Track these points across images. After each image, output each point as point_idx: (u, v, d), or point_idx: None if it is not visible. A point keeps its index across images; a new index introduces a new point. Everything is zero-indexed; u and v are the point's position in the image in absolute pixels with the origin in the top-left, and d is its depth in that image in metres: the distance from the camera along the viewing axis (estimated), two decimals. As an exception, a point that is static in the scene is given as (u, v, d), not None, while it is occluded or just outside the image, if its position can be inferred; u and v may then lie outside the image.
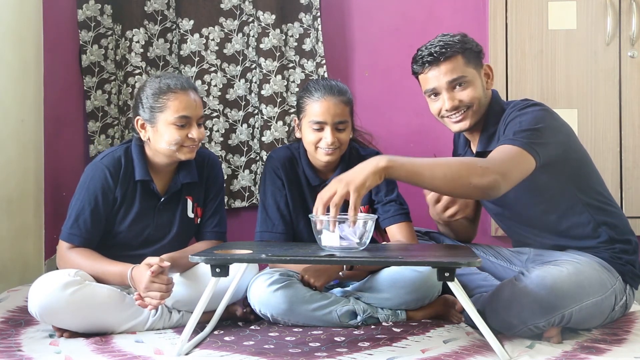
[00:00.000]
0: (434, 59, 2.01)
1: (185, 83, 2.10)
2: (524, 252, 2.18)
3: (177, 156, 2.09)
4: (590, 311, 1.87)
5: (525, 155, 1.83)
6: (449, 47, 2.00)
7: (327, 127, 2.18)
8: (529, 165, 1.84)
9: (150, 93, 2.08)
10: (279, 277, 2.10)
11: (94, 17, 2.89)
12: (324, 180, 2.28)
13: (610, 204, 2.05)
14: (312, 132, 2.20)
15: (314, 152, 2.23)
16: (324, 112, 2.18)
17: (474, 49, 2.04)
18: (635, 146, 2.87)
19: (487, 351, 1.77)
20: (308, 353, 1.79)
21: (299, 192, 2.30)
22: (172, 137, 2.05)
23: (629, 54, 2.86)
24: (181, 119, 2.05)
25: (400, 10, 3.01)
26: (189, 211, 2.20)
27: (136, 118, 2.11)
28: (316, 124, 2.19)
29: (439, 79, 2.02)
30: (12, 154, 2.57)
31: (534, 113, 1.93)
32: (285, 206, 2.28)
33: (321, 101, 2.19)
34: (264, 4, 2.91)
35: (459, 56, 2.01)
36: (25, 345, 1.87)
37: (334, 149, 2.20)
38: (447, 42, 2.01)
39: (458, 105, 2.02)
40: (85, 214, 2.06)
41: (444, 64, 2.01)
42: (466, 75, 2.01)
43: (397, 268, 2.12)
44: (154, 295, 1.89)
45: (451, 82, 2.01)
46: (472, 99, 2.02)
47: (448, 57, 2.01)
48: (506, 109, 2.02)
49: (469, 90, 2.01)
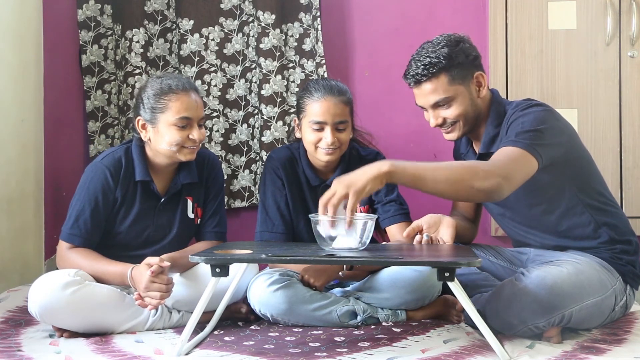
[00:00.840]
0: (416, 80, 2.01)
1: (187, 84, 2.10)
2: (524, 252, 2.18)
3: (177, 157, 2.09)
4: (590, 311, 1.87)
5: (528, 156, 1.83)
6: (432, 66, 1.97)
7: (327, 127, 2.18)
8: (532, 167, 1.84)
9: (151, 93, 2.08)
10: (279, 277, 2.10)
11: (94, 17, 2.89)
12: (324, 181, 2.28)
13: (611, 204, 2.05)
14: (312, 132, 2.20)
15: (314, 152, 2.22)
16: (324, 112, 2.18)
17: (463, 61, 1.99)
18: (635, 146, 2.87)
19: (487, 351, 1.77)
20: (308, 353, 1.79)
21: (299, 192, 2.30)
22: (172, 138, 2.05)
23: (629, 54, 2.86)
24: (182, 120, 2.05)
25: (400, 10, 3.01)
26: (189, 211, 2.20)
27: (137, 118, 2.11)
28: (316, 124, 2.19)
29: (423, 99, 2.03)
30: (12, 154, 2.57)
31: (536, 114, 1.92)
32: (286, 206, 2.28)
33: (321, 101, 2.19)
34: (264, 4, 2.91)
35: (442, 75, 1.98)
36: (25, 345, 1.87)
37: (334, 149, 2.20)
38: (430, 60, 1.97)
39: (442, 123, 2.04)
40: (85, 214, 2.06)
41: (426, 84, 2.00)
42: (449, 94, 1.99)
43: (397, 268, 2.12)
44: (154, 295, 1.89)
45: (434, 104, 2.01)
46: (456, 117, 2.02)
47: (429, 78, 1.99)
48: (508, 109, 2.02)
49: (452, 108, 2.01)
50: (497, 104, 2.06)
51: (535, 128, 1.88)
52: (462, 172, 1.76)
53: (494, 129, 2.03)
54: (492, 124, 2.04)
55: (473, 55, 2.03)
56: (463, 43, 2.02)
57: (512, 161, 1.81)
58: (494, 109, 2.05)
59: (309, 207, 2.29)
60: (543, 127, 1.88)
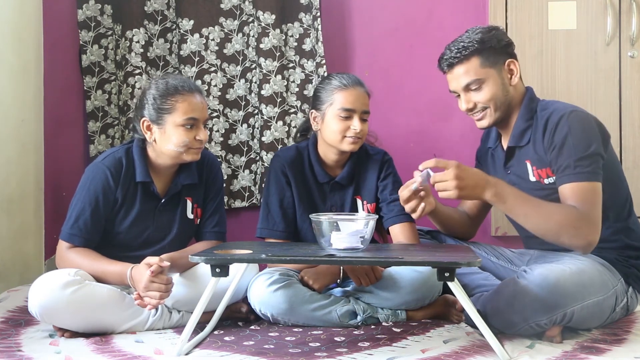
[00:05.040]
0: (449, 64, 2.06)
1: (192, 85, 2.11)
2: (526, 253, 2.18)
3: (183, 157, 2.09)
4: (591, 311, 1.87)
5: (597, 186, 1.89)
6: (464, 50, 2.02)
7: (356, 116, 2.22)
8: (601, 192, 1.90)
9: (157, 94, 2.07)
10: (279, 277, 2.10)
11: (94, 17, 2.89)
12: (332, 177, 2.30)
13: (631, 208, 2.06)
14: (340, 121, 2.22)
15: (339, 142, 2.23)
16: (354, 100, 2.22)
17: (495, 46, 2.04)
18: (635, 146, 2.87)
19: (487, 351, 1.77)
20: (308, 353, 1.79)
21: (306, 190, 2.31)
22: (180, 139, 2.06)
23: (629, 54, 2.86)
24: (189, 120, 2.06)
25: (400, 10, 3.01)
26: (188, 212, 2.20)
27: (142, 120, 2.10)
28: (345, 111, 2.21)
29: (455, 82, 2.07)
30: (12, 154, 2.57)
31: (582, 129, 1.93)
32: (289, 204, 2.28)
33: (351, 90, 2.23)
34: (264, 4, 2.91)
35: (474, 57, 2.03)
36: (25, 345, 1.87)
37: (358, 139, 2.23)
38: (464, 45, 2.03)
39: (473, 107, 2.06)
40: (85, 214, 2.06)
41: (458, 68, 2.05)
42: (480, 77, 2.03)
43: (397, 268, 2.12)
44: (153, 295, 1.89)
45: (465, 86, 2.04)
46: (487, 101, 2.04)
47: (461, 61, 2.03)
48: (540, 108, 2.03)
49: (483, 92, 2.04)
50: (530, 100, 2.08)
51: (590, 153, 1.90)
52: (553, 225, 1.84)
53: (524, 123, 2.05)
54: (523, 117, 2.06)
55: (505, 41, 2.07)
56: (496, 30, 2.08)
57: (593, 204, 1.86)
58: (526, 103, 2.07)
59: (316, 205, 2.30)
60: (594, 148, 1.91)
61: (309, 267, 2.19)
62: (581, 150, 1.91)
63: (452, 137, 2.99)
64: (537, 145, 2.01)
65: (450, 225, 2.25)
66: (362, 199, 2.32)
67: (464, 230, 2.28)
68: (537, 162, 2.02)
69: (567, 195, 1.90)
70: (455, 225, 2.25)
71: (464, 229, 2.28)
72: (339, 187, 2.31)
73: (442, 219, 2.20)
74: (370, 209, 2.29)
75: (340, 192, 2.31)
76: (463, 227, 2.27)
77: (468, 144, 2.74)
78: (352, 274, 2.11)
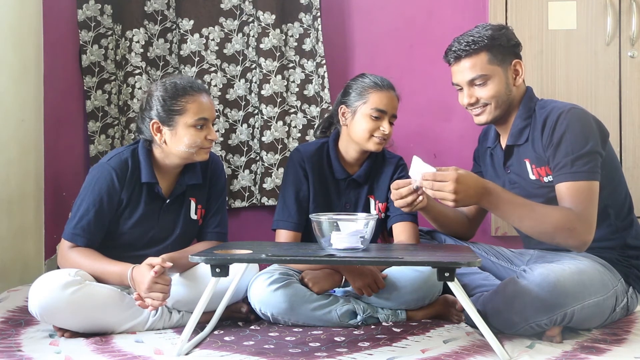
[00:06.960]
0: (456, 56, 2.06)
1: (200, 85, 2.12)
2: (526, 253, 2.18)
3: (193, 158, 2.10)
4: (591, 311, 1.87)
5: (594, 185, 1.90)
6: (474, 44, 2.03)
7: (386, 118, 2.26)
8: (597, 191, 1.91)
9: (167, 96, 2.07)
10: (279, 277, 2.10)
11: (94, 17, 2.89)
12: (350, 175, 2.33)
13: (630, 206, 2.06)
14: (370, 121, 2.25)
15: (365, 140, 2.26)
16: (387, 102, 2.26)
17: (504, 44, 2.05)
18: (635, 146, 2.87)
19: (487, 351, 1.77)
20: (308, 353, 1.79)
21: (323, 185, 2.33)
22: (192, 140, 2.06)
23: (629, 54, 2.86)
24: (200, 120, 2.06)
25: (400, 10, 3.01)
26: (192, 212, 2.20)
27: (152, 122, 2.08)
28: (378, 111, 2.24)
29: (460, 75, 2.07)
30: (13, 154, 2.57)
31: (580, 126, 1.94)
32: (305, 198, 2.30)
33: (386, 92, 2.27)
34: (264, 4, 2.91)
35: (483, 53, 2.03)
36: (25, 345, 1.87)
37: (384, 140, 2.27)
38: (474, 39, 2.03)
39: (475, 102, 2.06)
40: (89, 214, 2.06)
41: (465, 61, 2.05)
42: (486, 73, 2.03)
43: (397, 268, 2.12)
44: (156, 297, 1.89)
45: (470, 80, 2.04)
46: (489, 98, 2.04)
47: (470, 54, 2.04)
48: (538, 107, 2.04)
49: (487, 88, 2.04)
50: (529, 99, 2.09)
51: (587, 151, 1.91)
52: (547, 227, 1.86)
53: (522, 121, 2.06)
54: (522, 116, 2.06)
55: (514, 41, 2.08)
56: (506, 29, 2.09)
57: (589, 203, 1.88)
58: (525, 103, 2.08)
59: (331, 200, 2.32)
60: (591, 145, 1.92)
61: (311, 269, 2.19)
62: (579, 147, 1.91)
63: (452, 137, 2.99)
64: (536, 144, 2.01)
65: (445, 223, 2.24)
66: (374, 198, 2.33)
67: (462, 229, 2.28)
68: (536, 161, 2.02)
69: (563, 195, 1.91)
70: (450, 223, 2.25)
71: (462, 228, 2.28)
72: (355, 185, 2.33)
73: (435, 215, 2.20)
74: (382, 208, 2.32)
75: (355, 190, 2.34)
76: (460, 226, 2.27)
77: (468, 144, 2.73)
78: (354, 285, 2.11)
